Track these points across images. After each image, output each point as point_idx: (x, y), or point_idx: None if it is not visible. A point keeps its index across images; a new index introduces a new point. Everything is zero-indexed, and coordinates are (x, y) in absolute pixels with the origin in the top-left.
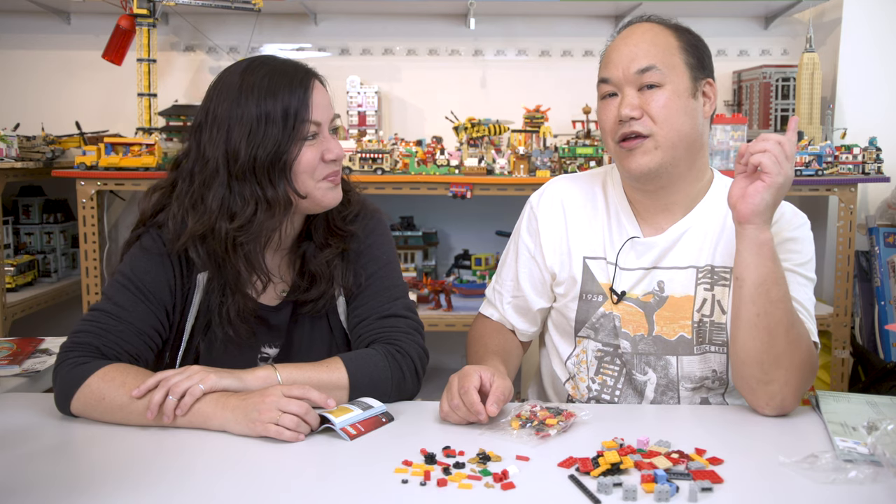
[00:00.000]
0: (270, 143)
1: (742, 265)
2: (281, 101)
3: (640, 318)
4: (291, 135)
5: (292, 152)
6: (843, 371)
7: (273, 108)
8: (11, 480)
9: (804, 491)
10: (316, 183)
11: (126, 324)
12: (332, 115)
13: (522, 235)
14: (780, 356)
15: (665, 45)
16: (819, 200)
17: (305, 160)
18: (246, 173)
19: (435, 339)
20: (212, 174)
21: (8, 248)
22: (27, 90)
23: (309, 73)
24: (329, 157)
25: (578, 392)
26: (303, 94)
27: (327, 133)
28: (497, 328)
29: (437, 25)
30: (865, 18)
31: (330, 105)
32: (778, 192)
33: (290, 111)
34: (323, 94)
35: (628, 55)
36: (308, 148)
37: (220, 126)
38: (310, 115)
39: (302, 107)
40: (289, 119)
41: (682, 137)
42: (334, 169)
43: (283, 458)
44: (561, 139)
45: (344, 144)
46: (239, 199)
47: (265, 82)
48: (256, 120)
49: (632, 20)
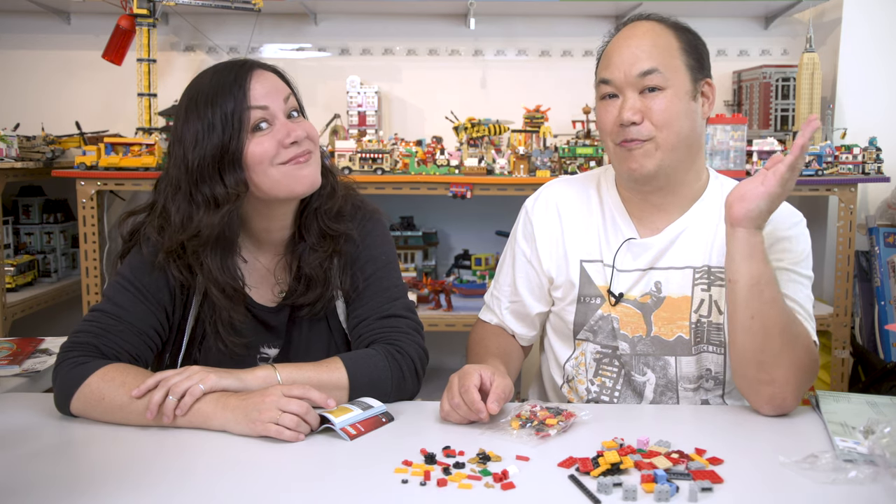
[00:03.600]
0: (214, 144)
1: (733, 268)
2: (219, 107)
3: (638, 319)
4: (234, 131)
5: (239, 146)
6: (843, 371)
7: (212, 116)
8: (11, 480)
9: (804, 491)
10: (278, 168)
11: (126, 324)
12: (282, 97)
13: (518, 240)
14: (778, 356)
15: (666, 46)
16: (819, 200)
17: (258, 151)
18: (198, 180)
19: (435, 339)
20: (175, 190)
21: (8, 248)
22: (27, 90)
23: (245, 66)
24: (288, 140)
25: (577, 395)
26: (238, 89)
27: (282, 118)
28: (497, 331)
29: (437, 25)
30: (865, 18)
31: (278, 89)
32: (774, 202)
33: (227, 111)
34: (266, 79)
35: (630, 57)
36: (261, 138)
37: (177, 144)
38: (248, 102)
39: (239, 100)
40: (227, 117)
41: (683, 140)
42: (299, 150)
43: (283, 458)
44: (561, 139)
45: (344, 144)
46: (195, 207)
47: (205, 91)
48: (201, 130)
49: (631, 18)
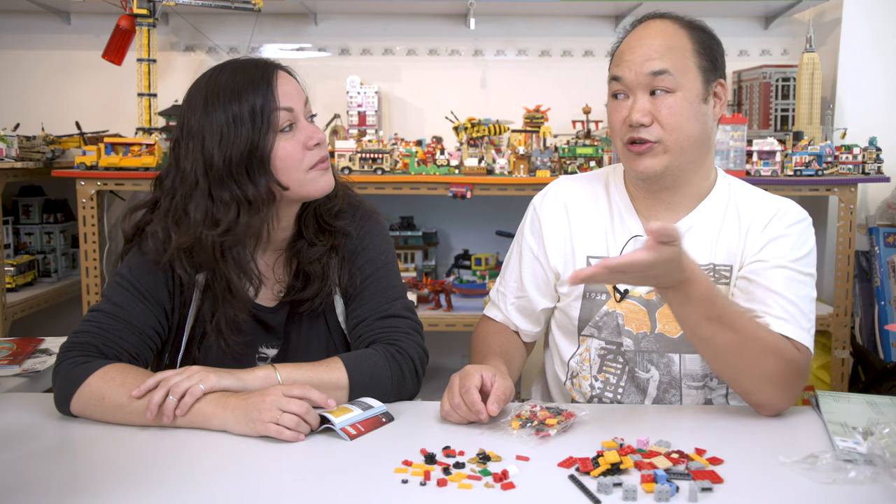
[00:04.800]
0: (243, 142)
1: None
2: (247, 101)
3: (643, 315)
4: (263, 129)
5: (267, 145)
6: (843, 371)
7: (240, 109)
8: (11, 480)
9: (804, 491)
10: (306, 173)
11: (125, 323)
12: (303, 101)
13: (526, 236)
14: (738, 374)
15: (679, 47)
16: (819, 200)
17: (285, 153)
18: (223, 178)
19: (435, 339)
20: (192, 187)
21: (8, 248)
22: (27, 90)
23: (270, 66)
24: (312, 142)
25: (580, 392)
26: (266, 87)
27: (304, 120)
28: (500, 329)
29: (437, 25)
30: (865, 18)
31: (299, 91)
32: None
33: (256, 107)
34: (289, 81)
35: (642, 55)
36: (286, 141)
37: (193, 138)
38: (277, 103)
39: (267, 98)
40: (256, 114)
41: (692, 142)
42: (321, 154)
43: (283, 458)
44: (561, 139)
45: (344, 144)
46: (221, 205)
47: (228, 85)
48: (226, 124)
49: (646, 15)
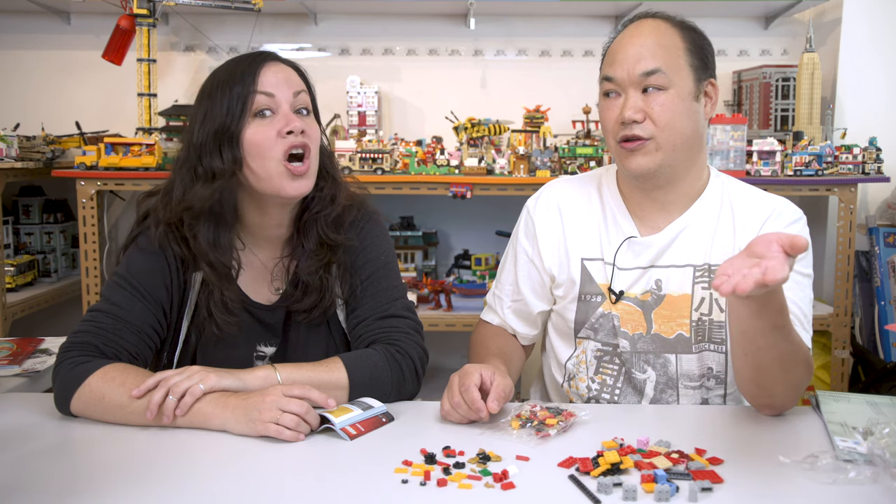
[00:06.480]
0: (217, 122)
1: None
2: (230, 85)
3: (639, 316)
4: (236, 110)
5: (240, 126)
6: (843, 371)
7: (222, 93)
8: (11, 480)
9: (804, 491)
10: (278, 165)
11: (124, 322)
12: (291, 92)
13: (520, 240)
14: (776, 381)
15: (671, 46)
16: (819, 200)
17: (257, 136)
18: (200, 155)
19: (435, 339)
20: (180, 165)
21: (8, 248)
22: (27, 90)
23: (264, 55)
24: (285, 129)
25: (577, 394)
26: (248, 75)
27: (287, 110)
28: (498, 332)
29: (437, 25)
30: (865, 18)
31: (290, 82)
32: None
33: (234, 90)
34: (280, 70)
35: (634, 55)
36: (260, 126)
37: (189, 125)
38: (255, 87)
39: (248, 82)
40: (234, 96)
41: (684, 140)
42: (294, 142)
43: (283, 458)
44: (561, 139)
45: (344, 144)
46: (195, 181)
47: (219, 77)
48: (209, 107)
49: (638, 15)
